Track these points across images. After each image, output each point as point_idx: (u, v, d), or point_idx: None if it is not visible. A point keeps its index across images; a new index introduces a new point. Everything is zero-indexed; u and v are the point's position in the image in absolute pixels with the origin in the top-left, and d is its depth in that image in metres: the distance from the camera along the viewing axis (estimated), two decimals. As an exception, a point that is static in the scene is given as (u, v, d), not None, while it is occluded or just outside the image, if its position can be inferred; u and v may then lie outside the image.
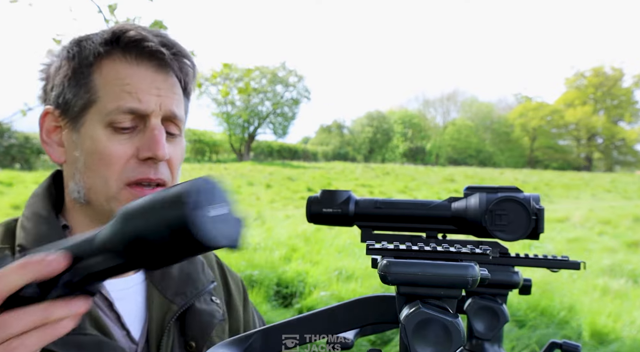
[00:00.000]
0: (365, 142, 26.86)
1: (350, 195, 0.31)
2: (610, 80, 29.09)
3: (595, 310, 2.61)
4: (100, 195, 0.40)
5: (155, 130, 0.40)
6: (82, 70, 0.41)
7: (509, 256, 0.29)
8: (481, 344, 0.28)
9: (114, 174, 0.40)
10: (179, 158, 0.44)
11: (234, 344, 0.32)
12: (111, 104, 0.40)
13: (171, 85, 0.42)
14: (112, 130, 0.40)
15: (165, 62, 0.41)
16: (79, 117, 0.41)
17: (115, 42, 0.41)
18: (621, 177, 15.75)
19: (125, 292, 0.44)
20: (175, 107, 0.42)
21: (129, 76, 0.40)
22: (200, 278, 0.48)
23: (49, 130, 0.43)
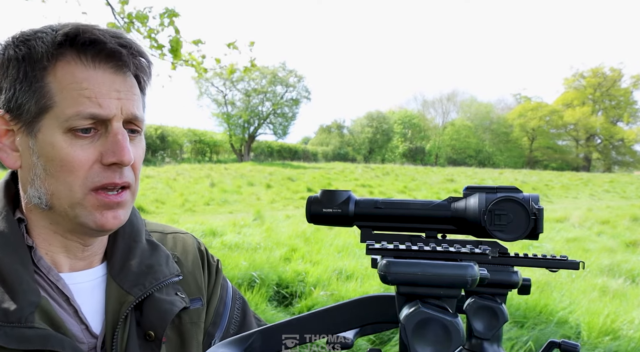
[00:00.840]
0: (365, 142, 26.87)
1: (350, 195, 0.31)
2: (609, 80, 29.19)
3: (594, 309, 2.62)
4: (64, 201, 0.40)
5: (118, 135, 0.39)
6: (34, 74, 0.38)
7: (508, 256, 0.29)
8: (480, 344, 0.28)
9: (78, 180, 0.39)
10: (141, 158, 0.44)
11: (234, 344, 0.32)
12: (70, 110, 0.38)
13: (130, 86, 0.41)
14: (72, 136, 0.39)
15: (123, 62, 0.40)
16: (34, 122, 0.39)
17: (69, 43, 0.39)
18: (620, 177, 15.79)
19: (84, 285, 0.44)
20: (135, 109, 0.41)
21: (86, 80, 0.38)
22: (163, 270, 0.47)
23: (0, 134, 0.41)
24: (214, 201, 7.04)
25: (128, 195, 0.42)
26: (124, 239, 0.47)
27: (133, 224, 0.49)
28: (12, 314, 0.37)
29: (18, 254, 0.40)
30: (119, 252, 0.46)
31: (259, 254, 3.19)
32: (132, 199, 0.43)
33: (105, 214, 0.41)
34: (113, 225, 0.41)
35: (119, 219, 0.42)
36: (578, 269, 0.29)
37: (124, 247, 0.47)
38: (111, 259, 0.46)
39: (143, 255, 0.47)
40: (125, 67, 0.40)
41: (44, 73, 0.39)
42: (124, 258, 0.46)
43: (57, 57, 0.39)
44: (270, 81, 21.45)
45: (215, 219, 4.79)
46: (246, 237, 3.80)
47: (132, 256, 0.47)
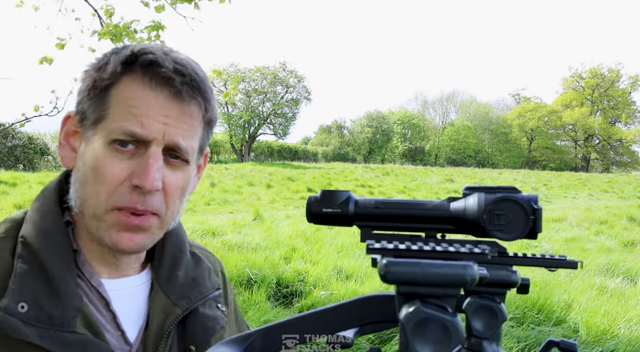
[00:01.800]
0: (365, 142, 26.87)
1: (350, 195, 0.31)
2: (607, 81, 29.30)
3: (592, 309, 2.63)
4: (90, 210, 0.40)
5: (150, 159, 0.39)
6: (102, 84, 0.40)
7: (507, 256, 0.29)
8: (479, 343, 0.28)
9: (105, 194, 0.39)
10: (179, 186, 0.42)
11: (234, 344, 0.32)
12: (116, 123, 0.39)
13: (183, 114, 0.41)
14: (113, 148, 0.39)
15: (177, 89, 0.40)
16: (91, 129, 0.41)
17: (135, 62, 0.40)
18: (618, 178, 15.83)
19: (125, 291, 0.44)
20: (180, 138, 0.40)
21: (139, 99, 0.39)
22: (206, 284, 0.48)
23: (69, 134, 0.43)
24: (215, 200, 7.04)
25: (154, 221, 0.41)
26: (171, 250, 0.47)
27: (179, 235, 0.49)
28: (56, 318, 0.37)
29: (64, 257, 0.40)
30: (168, 261, 0.46)
31: (259, 254, 3.19)
32: (161, 227, 0.42)
33: (122, 234, 0.40)
34: (128, 247, 0.41)
35: (136, 243, 0.41)
36: (576, 268, 0.29)
37: (172, 256, 0.47)
38: (159, 268, 0.46)
39: (188, 267, 0.47)
40: (180, 94, 0.40)
41: (110, 86, 0.40)
42: (171, 268, 0.46)
43: (126, 73, 0.40)
44: (270, 82, 21.46)
45: (215, 219, 4.78)
46: (246, 237, 3.80)
47: (179, 267, 0.47)
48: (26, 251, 0.39)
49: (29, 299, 0.37)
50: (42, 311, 0.37)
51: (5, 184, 6.08)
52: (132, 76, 0.40)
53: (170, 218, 0.43)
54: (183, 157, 0.42)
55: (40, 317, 0.37)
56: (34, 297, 0.37)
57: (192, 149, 0.42)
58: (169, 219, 0.43)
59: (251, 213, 5.04)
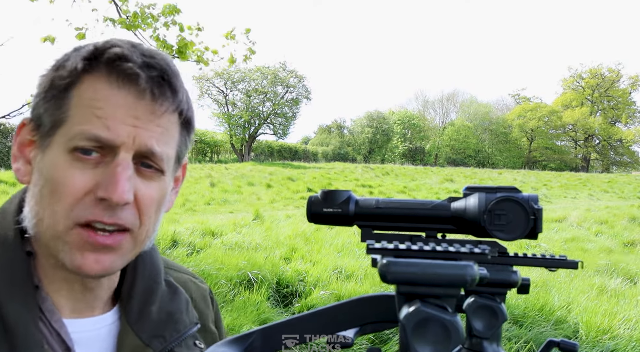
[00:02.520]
0: (365, 142, 26.87)
1: (350, 195, 0.31)
2: (607, 81, 29.28)
3: (592, 309, 2.63)
4: (47, 231, 0.34)
5: (118, 167, 0.33)
6: (60, 84, 0.35)
7: (508, 256, 0.30)
8: (480, 343, 0.28)
9: (64, 210, 0.33)
10: (153, 199, 0.36)
11: (234, 343, 0.32)
12: (77, 127, 0.33)
13: (155, 115, 0.35)
14: (74, 158, 0.33)
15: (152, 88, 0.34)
16: (47, 136, 0.35)
17: (99, 57, 0.34)
18: (618, 178, 15.81)
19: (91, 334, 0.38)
20: (154, 142, 0.35)
21: (104, 99, 0.34)
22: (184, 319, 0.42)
23: (23, 144, 0.37)
24: (215, 200, 7.03)
25: (125, 240, 0.35)
26: (143, 281, 0.41)
27: (154, 264, 0.43)
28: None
29: (24, 297, 0.35)
30: (138, 295, 0.40)
31: (259, 254, 3.19)
32: (133, 246, 0.36)
33: (87, 256, 0.34)
34: (93, 270, 0.34)
35: (103, 265, 0.35)
36: (577, 268, 0.29)
37: (144, 290, 0.41)
38: (128, 303, 0.40)
39: (163, 300, 0.42)
40: (150, 91, 0.34)
41: (70, 86, 0.35)
42: (143, 303, 0.40)
43: (88, 70, 0.34)
44: (270, 81, 21.46)
45: (215, 219, 4.78)
46: (246, 236, 3.80)
47: (152, 301, 0.41)
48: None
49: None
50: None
51: (5, 184, 6.08)
52: (96, 74, 0.34)
53: (145, 236, 0.37)
54: (157, 166, 0.36)
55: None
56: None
57: (167, 157, 0.36)
58: (143, 237, 0.37)
59: (251, 213, 5.04)
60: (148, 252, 0.43)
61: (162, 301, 0.42)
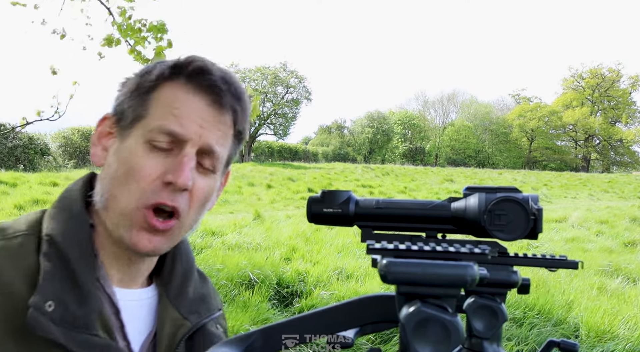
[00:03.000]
0: (365, 142, 26.89)
1: (351, 195, 0.31)
2: (608, 81, 29.28)
3: (593, 309, 2.63)
4: (117, 207, 0.40)
5: (185, 157, 0.40)
6: (144, 87, 0.42)
7: (508, 256, 0.30)
8: (480, 343, 0.28)
9: (137, 192, 0.40)
10: (204, 192, 0.43)
11: (235, 343, 0.32)
12: (155, 122, 0.41)
13: (219, 121, 0.42)
14: (149, 147, 0.41)
15: (220, 98, 0.42)
16: (128, 128, 0.42)
17: (182, 69, 0.42)
18: (618, 178, 15.81)
19: (132, 303, 0.44)
20: (214, 142, 0.42)
21: (181, 101, 0.41)
22: (212, 302, 0.49)
23: (102, 134, 0.45)
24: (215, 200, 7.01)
25: (175, 226, 0.41)
26: (181, 265, 0.48)
27: (188, 253, 0.50)
28: (80, 319, 0.37)
29: (87, 259, 0.40)
30: (178, 277, 0.47)
31: (259, 254, 3.19)
32: (179, 232, 0.43)
33: (142, 235, 0.41)
34: (145, 248, 0.41)
35: (154, 245, 0.41)
36: (577, 268, 0.29)
37: (182, 272, 0.48)
38: (169, 282, 0.46)
39: (196, 284, 0.48)
40: (220, 103, 0.42)
41: (153, 89, 0.42)
42: (181, 284, 0.47)
43: (168, 78, 0.42)
44: (271, 82, 21.48)
45: (215, 219, 4.79)
46: (246, 237, 3.80)
47: (189, 283, 0.47)
48: (52, 250, 0.39)
49: (55, 298, 0.37)
50: (66, 310, 0.37)
51: (6, 185, 6.09)
52: (177, 82, 0.42)
53: (189, 224, 0.43)
54: (213, 165, 0.43)
55: (65, 317, 0.37)
56: (60, 297, 0.37)
57: (221, 157, 0.44)
58: (188, 225, 0.43)
59: (251, 213, 5.05)
60: (184, 243, 0.49)
61: (195, 284, 0.48)
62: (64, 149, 11.53)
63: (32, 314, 0.35)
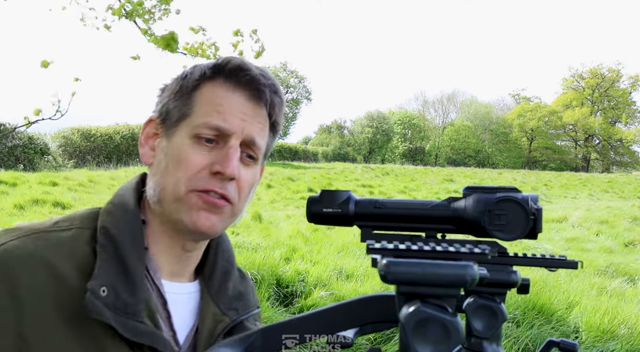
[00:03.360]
0: (365, 142, 26.88)
1: (350, 195, 0.31)
2: (608, 81, 29.29)
3: (593, 309, 2.63)
4: (170, 195, 0.43)
5: (231, 149, 0.43)
6: (187, 87, 0.45)
7: (508, 256, 0.30)
8: (480, 343, 0.28)
9: (185, 179, 0.42)
10: (249, 182, 0.46)
11: (235, 344, 0.32)
12: (201, 119, 0.43)
13: (258, 114, 0.45)
14: (196, 141, 0.43)
15: (258, 92, 0.45)
16: (174, 127, 0.45)
17: (222, 68, 0.45)
18: (618, 178, 15.81)
19: (179, 296, 0.46)
20: (256, 134, 0.45)
21: (222, 98, 0.44)
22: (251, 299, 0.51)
23: (148, 136, 0.48)
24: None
25: (228, 208, 0.44)
26: (222, 262, 0.50)
27: (229, 250, 0.52)
28: (130, 306, 0.39)
29: (138, 251, 0.42)
30: (219, 272, 0.49)
31: (259, 254, 3.19)
32: (231, 216, 0.45)
33: (200, 212, 0.43)
34: (204, 226, 0.43)
35: (212, 222, 0.43)
36: (577, 268, 0.29)
37: (223, 268, 0.49)
38: (211, 278, 0.48)
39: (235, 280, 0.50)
40: (258, 98, 0.45)
41: (195, 89, 0.45)
42: (222, 280, 0.49)
43: (209, 78, 0.45)
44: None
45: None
46: (246, 237, 3.80)
47: (229, 279, 0.49)
48: (107, 241, 0.41)
49: (108, 284, 0.39)
50: (118, 297, 0.39)
51: (6, 184, 6.08)
52: (217, 80, 0.45)
53: (239, 210, 0.46)
54: (255, 155, 0.46)
55: (117, 303, 0.39)
56: (112, 284, 0.39)
57: (262, 148, 0.47)
58: (238, 210, 0.46)
59: (251, 213, 5.05)
60: (225, 240, 0.52)
61: (235, 281, 0.50)
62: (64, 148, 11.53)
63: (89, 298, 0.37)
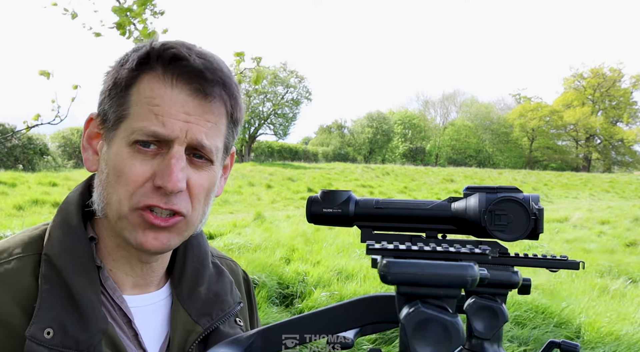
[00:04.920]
0: (365, 142, 26.85)
1: (351, 195, 0.31)
2: (609, 81, 29.20)
3: (594, 309, 2.62)
4: (114, 212, 0.39)
5: (172, 159, 0.37)
6: (121, 82, 0.39)
7: (509, 256, 0.30)
8: (481, 344, 0.28)
9: (127, 194, 0.38)
10: (203, 187, 0.40)
11: (235, 344, 0.32)
12: (137, 123, 0.38)
13: (205, 112, 0.39)
14: (135, 150, 0.38)
15: (204, 86, 0.38)
16: (112, 130, 0.40)
17: (157, 57, 0.38)
18: (619, 178, 15.76)
19: (147, 307, 0.43)
20: (203, 136, 0.38)
21: (160, 97, 0.38)
22: (228, 300, 0.46)
23: (91, 136, 0.42)
24: (215, 201, 6.99)
25: (180, 223, 0.40)
26: (192, 263, 0.46)
27: (201, 246, 0.47)
28: (82, 342, 0.36)
29: (89, 277, 0.39)
30: (189, 276, 0.45)
31: (260, 255, 3.19)
32: (187, 228, 0.41)
33: (147, 234, 0.39)
34: (153, 246, 0.39)
35: (161, 242, 0.39)
36: (578, 269, 0.29)
37: (193, 271, 0.45)
38: (180, 283, 0.44)
39: (210, 281, 0.46)
40: (204, 92, 0.38)
41: (130, 84, 0.39)
42: (192, 284, 0.45)
43: (145, 70, 0.38)
44: (271, 82, 21.47)
45: (215, 219, 4.79)
46: (246, 237, 3.80)
47: (201, 282, 0.45)
48: (50, 270, 0.38)
49: (55, 323, 0.36)
50: (67, 335, 0.36)
51: (5, 185, 6.09)
52: (153, 73, 0.38)
53: (196, 219, 0.42)
54: (207, 157, 0.40)
55: (66, 342, 0.36)
56: (59, 322, 0.36)
57: (216, 148, 0.40)
58: (195, 221, 0.41)
59: (251, 213, 5.04)
60: (196, 237, 0.47)
61: (209, 283, 0.46)
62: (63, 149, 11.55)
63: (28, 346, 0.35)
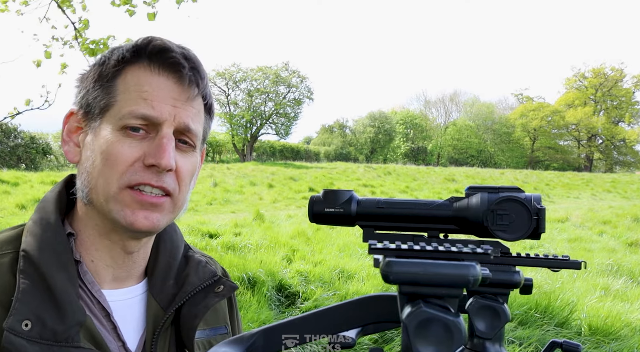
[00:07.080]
0: (367, 142, 26.84)
1: (353, 195, 0.31)
2: (611, 81, 29.06)
3: (596, 309, 2.61)
4: (101, 195, 0.40)
5: (164, 139, 0.40)
6: (107, 74, 0.41)
7: (510, 256, 0.30)
8: (482, 343, 0.28)
9: (116, 175, 0.39)
10: (188, 171, 0.43)
11: (236, 344, 0.32)
12: (126, 108, 0.40)
13: (190, 99, 0.42)
14: (124, 134, 0.40)
15: (188, 76, 0.41)
16: (98, 119, 0.41)
17: (142, 50, 0.41)
18: (621, 178, 15.69)
19: (125, 302, 0.44)
20: (189, 120, 0.42)
21: (148, 83, 0.40)
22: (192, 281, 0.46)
23: (71, 131, 0.44)
24: (217, 200, 7.06)
25: (167, 202, 0.41)
26: (164, 257, 0.47)
27: (173, 241, 0.49)
28: (60, 334, 0.37)
29: (67, 271, 0.40)
30: (161, 270, 0.46)
31: (261, 254, 3.19)
32: (173, 209, 0.42)
33: (137, 212, 0.40)
34: (143, 225, 0.40)
35: (151, 221, 0.40)
36: (580, 268, 0.29)
37: (165, 265, 0.47)
38: (152, 277, 0.46)
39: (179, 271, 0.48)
40: (189, 81, 0.41)
41: (116, 76, 0.41)
42: (164, 276, 0.46)
43: (130, 62, 0.41)
44: (273, 81, 21.47)
45: (217, 219, 4.79)
46: (248, 237, 3.81)
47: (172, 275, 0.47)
48: (28, 265, 0.39)
49: (32, 316, 0.37)
50: (45, 327, 0.37)
51: (8, 184, 6.13)
52: (138, 64, 0.41)
53: (182, 201, 0.43)
54: (191, 141, 0.43)
55: (44, 334, 0.37)
56: (37, 314, 0.37)
57: (198, 134, 0.43)
58: (181, 202, 0.43)
59: (253, 213, 5.05)
60: (168, 232, 0.49)
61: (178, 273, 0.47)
62: (67, 149, 11.54)
63: (6, 337, 0.35)
